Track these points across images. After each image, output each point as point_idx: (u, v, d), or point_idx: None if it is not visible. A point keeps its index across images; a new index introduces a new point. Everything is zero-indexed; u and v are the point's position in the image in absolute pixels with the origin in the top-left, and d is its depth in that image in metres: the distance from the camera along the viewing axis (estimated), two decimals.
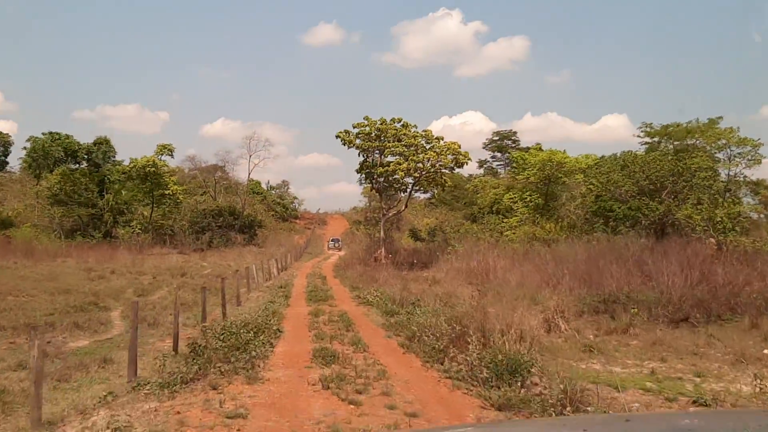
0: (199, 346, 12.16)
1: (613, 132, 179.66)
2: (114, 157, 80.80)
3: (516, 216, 58.73)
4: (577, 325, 24.07)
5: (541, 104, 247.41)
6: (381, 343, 15.44)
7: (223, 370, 10.91)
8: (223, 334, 13.98)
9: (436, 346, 13.40)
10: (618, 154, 56.95)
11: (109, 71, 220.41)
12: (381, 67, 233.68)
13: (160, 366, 11.22)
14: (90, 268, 44.93)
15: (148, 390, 10.02)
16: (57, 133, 73.96)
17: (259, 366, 11.85)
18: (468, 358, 11.49)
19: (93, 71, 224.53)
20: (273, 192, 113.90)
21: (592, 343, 19.52)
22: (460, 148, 57.13)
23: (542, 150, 61.23)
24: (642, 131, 59.08)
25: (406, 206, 61.18)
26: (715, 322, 24.07)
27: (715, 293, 27.30)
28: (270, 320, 18.38)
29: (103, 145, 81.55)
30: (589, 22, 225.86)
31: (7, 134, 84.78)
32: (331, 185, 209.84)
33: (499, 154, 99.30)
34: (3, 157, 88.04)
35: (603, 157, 59.21)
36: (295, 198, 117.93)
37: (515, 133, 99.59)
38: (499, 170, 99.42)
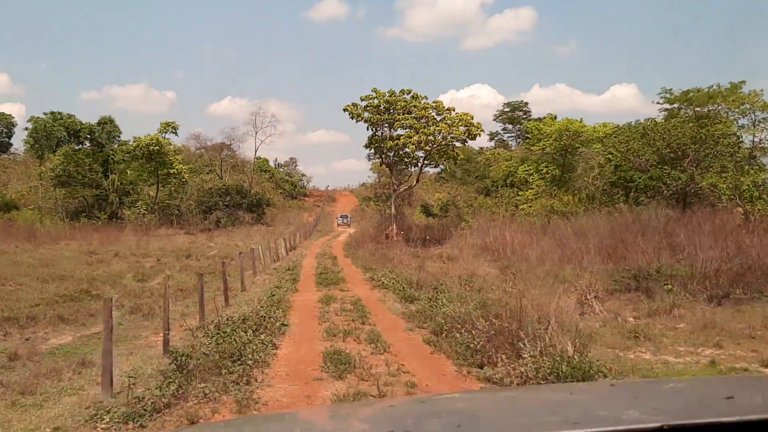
0: (182, 355, 9.80)
1: (622, 102, 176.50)
2: (119, 137, 78.96)
3: (532, 189, 56.21)
4: (611, 305, 21.81)
5: (548, 75, 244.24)
6: (403, 339, 13.18)
7: (207, 391, 8.54)
8: (216, 334, 11.65)
9: (471, 345, 11.06)
10: (634, 123, 54.40)
11: (114, 51, 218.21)
12: (386, 41, 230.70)
13: (128, 386, 8.80)
14: (92, 251, 42.88)
15: (105, 425, 7.67)
16: (59, 113, 71.70)
17: (256, 380, 9.51)
18: (522, 369, 9.09)
19: (99, 52, 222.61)
20: (281, 170, 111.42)
21: (635, 327, 17.21)
22: (472, 119, 54.60)
23: (557, 120, 58.43)
24: (661, 97, 56.30)
25: (417, 181, 58.78)
26: (759, 298, 21.98)
27: (751, 266, 25.26)
28: (274, 311, 16.09)
29: (107, 124, 79.34)
30: None
31: (10, 115, 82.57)
32: (340, 162, 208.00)
33: (510, 126, 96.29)
34: (7, 139, 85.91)
35: (621, 126, 56.48)
36: (303, 175, 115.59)
37: (526, 104, 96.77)
38: (510, 143, 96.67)
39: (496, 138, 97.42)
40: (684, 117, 55.11)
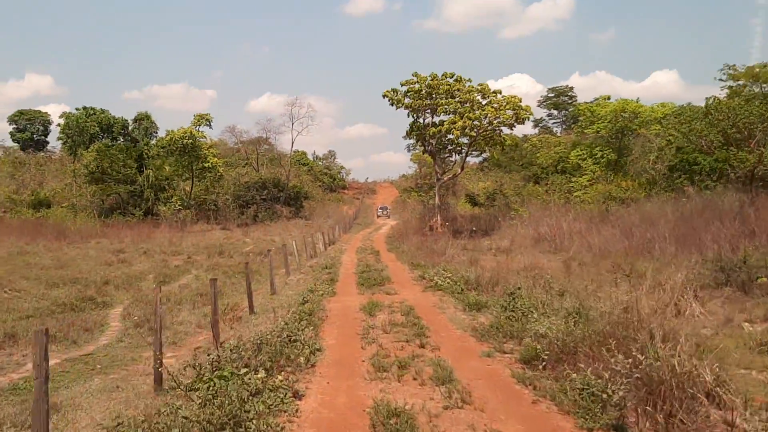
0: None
1: (663, 89, 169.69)
2: (156, 132, 76.30)
3: (586, 174, 51.65)
4: (712, 306, 17.64)
5: (588, 63, 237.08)
6: (483, 374, 9.10)
7: None
8: (209, 382, 7.67)
9: (599, 390, 7.02)
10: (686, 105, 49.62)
11: (156, 52, 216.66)
12: (423, 33, 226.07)
13: None
14: (120, 250, 39.75)
15: None
16: (92, 108, 68.84)
17: None
18: None
19: (140, 52, 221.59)
20: (320, 163, 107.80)
21: (758, 335, 13.11)
22: (520, 101, 50.38)
23: (610, 101, 53.75)
24: (724, 74, 51.30)
25: (462, 169, 54.61)
26: None
27: None
28: (304, 328, 12.20)
29: (143, 120, 76.56)
30: None
31: (46, 113, 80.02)
32: (378, 155, 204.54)
33: (555, 112, 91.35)
34: (43, 137, 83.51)
35: (682, 105, 51.60)
36: (342, 167, 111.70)
37: (571, 88, 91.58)
38: (555, 129, 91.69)
39: (540, 125, 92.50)
40: (749, 95, 50.20)
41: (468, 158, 55.94)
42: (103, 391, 10.45)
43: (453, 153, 54.63)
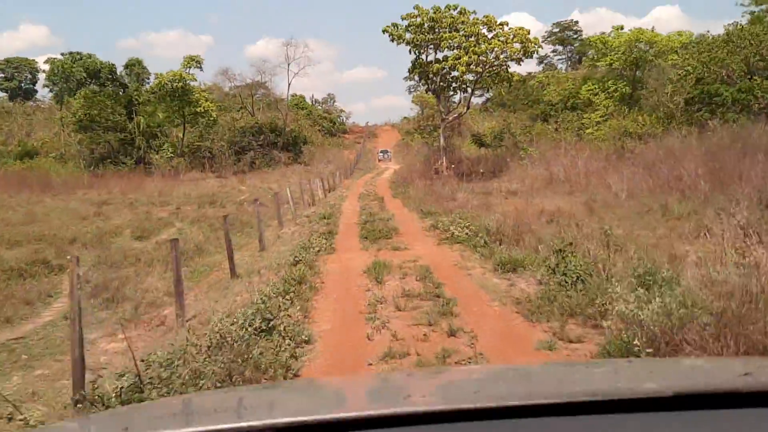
0: None
1: (665, 25, 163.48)
2: (148, 79, 72.32)
3: (598, 110, 47.98)
4: None
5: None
6: None
7: None
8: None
9: None
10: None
11: None
12: None
13: None
14: (104, 201, 36.78)
15: None
16: (78, 53, 64.85)
17: None
18: None
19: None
20: (319, 107, 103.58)
21: None
22: (528, 33, 46.64)
23: (623, 30, 49.80)
24: None
25: (467, 108, 51.19)
26: None
27: None
28: (289, 306, 9.00)
29: (135, 66, 72.65)
30: None
31: (33, 60, 75.78)
32: (379, 98, 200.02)
33: (560, 48, 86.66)
34: (32, 86, 79.61)
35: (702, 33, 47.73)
36: (342, 111, 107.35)
37: (576, 23, 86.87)
38: (560, 66, 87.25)
39: (545, 62, 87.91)
40: None
41: (472, 98, 52.28)
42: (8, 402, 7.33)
43: (458, 91, 50.92)
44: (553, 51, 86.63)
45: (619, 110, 46.81)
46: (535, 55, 47.62)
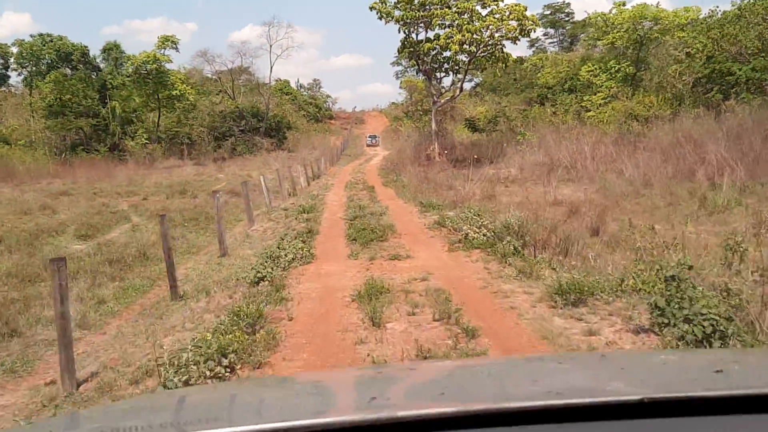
0: None
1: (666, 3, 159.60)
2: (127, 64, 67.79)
3: (600, 92, 44.22)
4: None
5: None
6: None
7: None
8: None
9: None
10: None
11: None
12: None
13: None
14: (64, 192, 33.10)
15: None
16: (48, 35, 60.37)
17: None
18: None
19: None
20: (304, 93, 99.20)
21: None
22: (525, 10, 42.90)
23: (625, 7, 45.96)
24: None
25: (460, 90, 47.38)
26: None
27: None
28: (229, 370, 5.24)
29: (112, 50, 68.15)
30: None
31: (5, 44, 70.89)
32: (366, 86, 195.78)
33: (551, 31, 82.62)
34: (4, 70, 74.89)
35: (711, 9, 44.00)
36: (328, 96, 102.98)
37: (568, 4, 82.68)
38: (551, 49, 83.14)
39: (536, 45, 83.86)
40: None
41: (464, 81, 48.43)
42: None
43: (450, 73, 47.08)
44: (545, 34, 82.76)
45: (622, 91, 43.16)
46: (532, 34, 43.90)
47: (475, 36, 42.74)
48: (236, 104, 62.25)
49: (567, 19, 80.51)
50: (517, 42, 45.19)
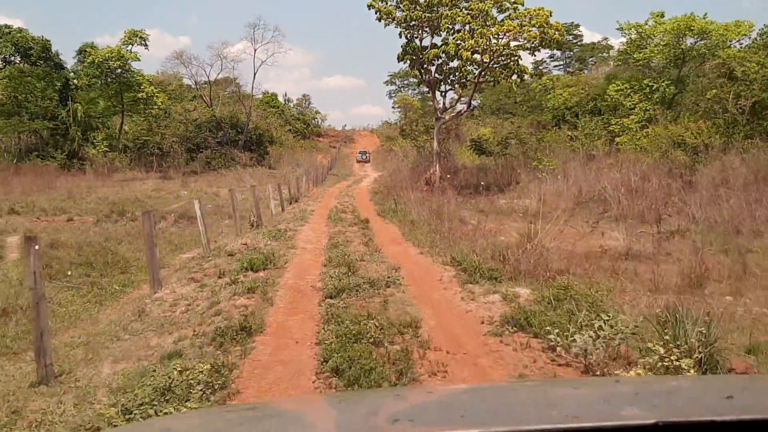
0: None
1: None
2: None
3: (635, 114, 36.48)
4: None
5: None
6: None
7: None
8: None
9: None
10: None
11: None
12: None
13: None
14: None
15: None
16: (7, 26, 52.13)
17: None
18: None
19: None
20: (293, 108, 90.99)
21: None
22: (550, 15, 35.56)
23: (664, 18, 38.42)
24: None
25: (469, 106, 39.70)
26: None
27: None
28: None
29: (89, 52, 60.09)
30: None
31: None
32: (357, 107, 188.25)
33: (558, 53, 74.97)
34: None
35: None
36: (317, 113, 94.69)
37: (578, 26, 75.12)
38: (555, 73, 75.58)
39: (540, 67, 76.03)
40: None
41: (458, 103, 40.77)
42: None
43: (457, 85, 39.44)
44: (551, 56, 75.05)
45: (662, 115, 35.65)
46: (559, 41, 36.31)
47: (490, 42, 35.33)
48: (213, 112, 54.02)
49: (575, 41, 73.27)
50: (535, 53, 37.94)
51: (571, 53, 75.29)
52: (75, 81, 51.53)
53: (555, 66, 76.63)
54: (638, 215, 25.48)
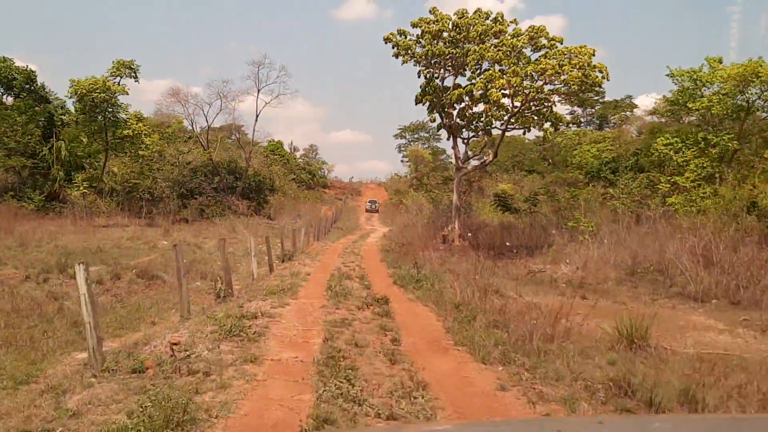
0: None
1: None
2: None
3: (690, 171, 30.54)
4: None
5: None
6: None
7: None
8: None
9: None
10: None
11: (142, 46, 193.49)
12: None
13: None
14: None
15: None
16: None
17: None
18: None
19: (128, 46, 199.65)
20: (299, 158, 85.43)
21: None
22: (593, 54, 30.18)
23: (722, 64, 32.80)
24: None
25: (495, 155, 33.85)
26: None
27: None
28: None
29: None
30: None
31: None
32: (364, 162, 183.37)
33: (578, 110, 69.48)
34: None
35: None
36: (324, 163, 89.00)
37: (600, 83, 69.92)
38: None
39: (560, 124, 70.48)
40: None
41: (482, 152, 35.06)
42: None
43: (482, 132, 33.89)
44: (571, 113, 69.55)
45: (721, 172, 29.86)
46: (602, 84, 30.70)
47: (525, 82, 29.89)
48: (210, 155, 48.19)
49: (597, 98, 68.02)
50: (574, 99, 32.40)
51: (593, 110, 70.00)
52: (63, 117, 46.16)
53: (574, 125, 71.09)
54: (724, 293, 19.63)
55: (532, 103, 31.28)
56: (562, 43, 30.96)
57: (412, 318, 10.14)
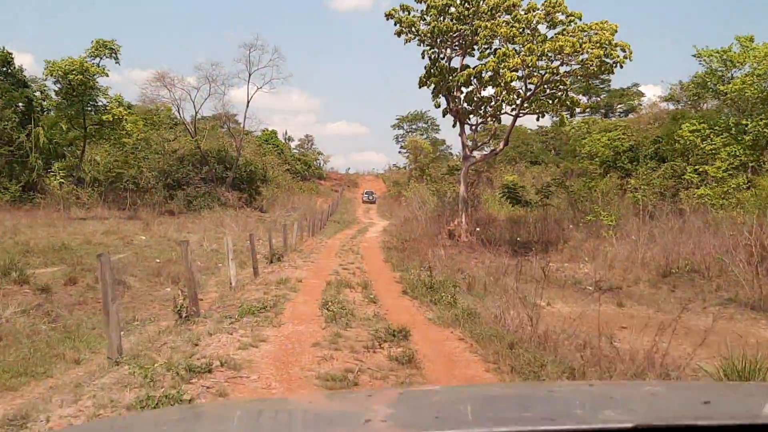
0: None
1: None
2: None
3: (721, 160, 27.33)
4: None
5: None
6: None
7: None
8: None
9: None
10: None
11: (136, 35, 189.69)
12: None
13: None
14: None
15: None
16: None
17: None
18: None
19: (124, 34, 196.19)
20: (294, 148, 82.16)
21: None
22: (616, 31, 27.06)
23: (754, 42, 29.54)
24: None
25: (507, 142, 30.71)
26: None
27: None
28: None
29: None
30: None
31: None
32: (360, 154, 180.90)
33: (583, 99, 66.16)
34: None
35: None
36: (320, 154, 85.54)
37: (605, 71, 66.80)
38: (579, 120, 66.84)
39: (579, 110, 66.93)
40: None
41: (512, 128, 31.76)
42: None
43: (492, 117, 30.71)
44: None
45: (753, 160, 26.70)
46: (625, 64, 27.46)
47: (540, 62, 26.78)
48: (197, 142, 44.83)
49: (602, 86, 64.82)
50: (593, 79, 29.35)
51: (599, 99, 66.80)
52: (42, 102, 42.77)
53: (580, 113, 67.86)
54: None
55: (546, 86, 28.25)
56: (581, 19, 27.86)
57: (448, 368, 6.72)
